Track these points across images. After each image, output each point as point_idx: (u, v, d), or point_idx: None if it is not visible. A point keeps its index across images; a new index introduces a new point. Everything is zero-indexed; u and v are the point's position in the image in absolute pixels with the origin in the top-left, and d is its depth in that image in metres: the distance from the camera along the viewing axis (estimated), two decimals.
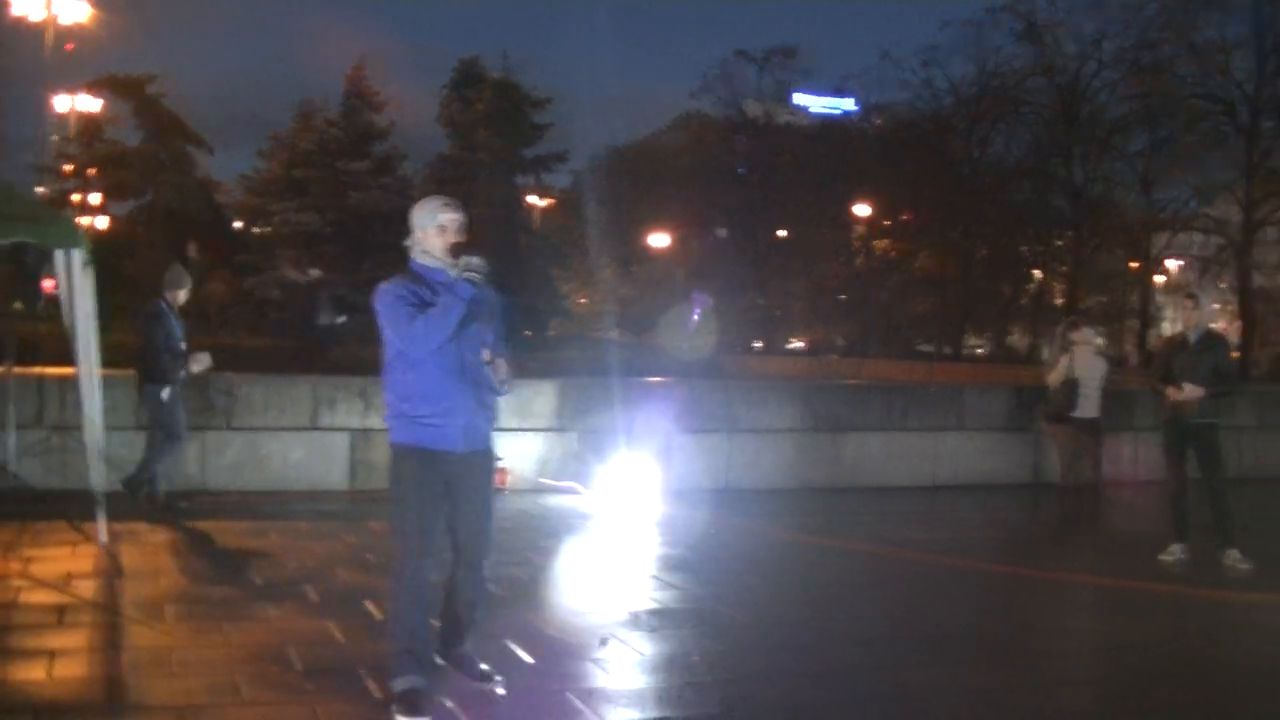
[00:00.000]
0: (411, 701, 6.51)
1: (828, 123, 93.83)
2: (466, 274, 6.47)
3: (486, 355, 6.71)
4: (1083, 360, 14.24)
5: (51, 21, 48.93)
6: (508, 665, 7.42)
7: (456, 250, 6.62)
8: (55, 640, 7.76)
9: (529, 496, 14.70)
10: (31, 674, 7.02)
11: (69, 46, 57.54)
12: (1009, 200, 72.27)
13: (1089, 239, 68.09)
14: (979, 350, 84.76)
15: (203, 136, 54.53)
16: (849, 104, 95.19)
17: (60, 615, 8.44)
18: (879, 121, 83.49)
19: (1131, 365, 48.49)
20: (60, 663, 7.26)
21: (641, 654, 7.97)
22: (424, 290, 6.59)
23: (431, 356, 6.53)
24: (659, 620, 8.87)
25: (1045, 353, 17.73)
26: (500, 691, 6.91)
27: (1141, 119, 63.03)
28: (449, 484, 6.71)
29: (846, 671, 7.76)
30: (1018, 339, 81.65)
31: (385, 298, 6.58)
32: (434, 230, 6.70)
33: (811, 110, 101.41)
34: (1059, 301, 72.78)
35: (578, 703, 6.85)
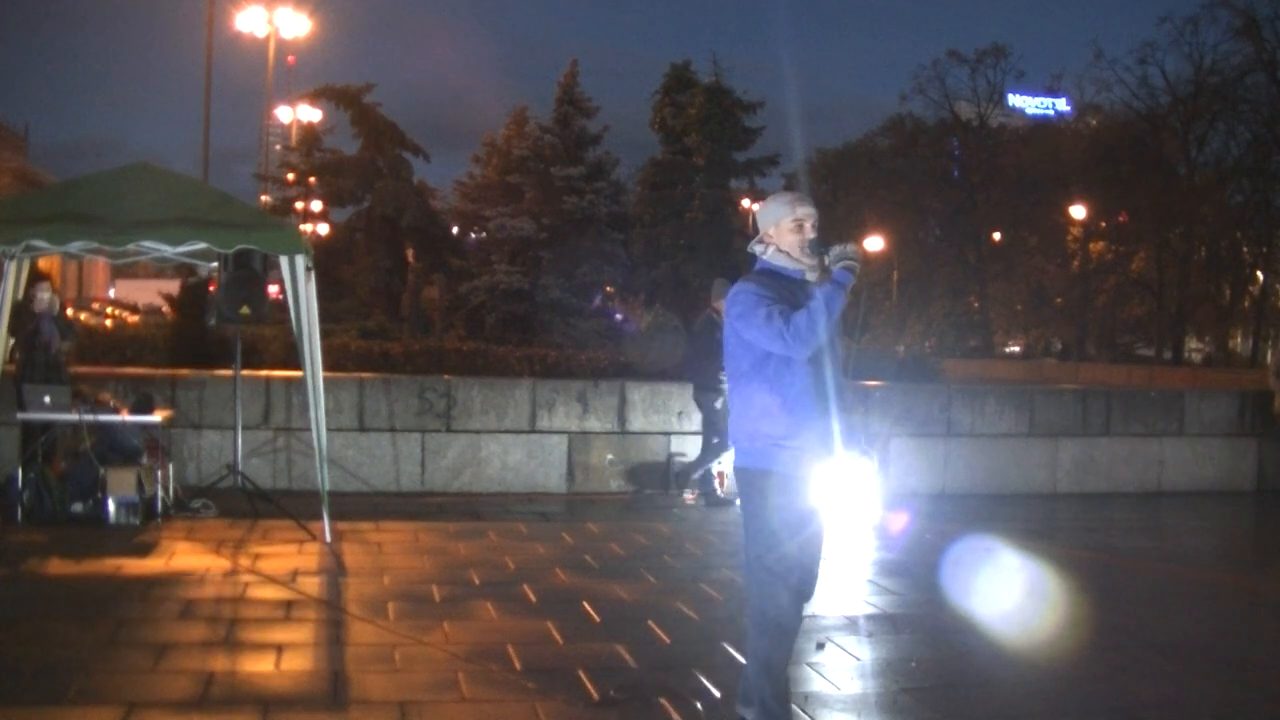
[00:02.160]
0: None
1: (1041, 124, 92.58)
2: (844, 262, 5.83)
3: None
4: None
5: (274, 35, 50.07)
6: (725, 669, 7.41)
7: (816, 245, 6.00)
8: (282, 634, 7.95)
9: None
10: (260, 666, 7.19)
11: (290, 59, 58.98)
12: (1227, 201, 70.59)
13: None
14: (1198, 354, 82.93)
15: (418, 143, 55.35)
16: (1062, 104, 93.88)
17: (287, 611, 8.64)
18: (1093, 122, 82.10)
19: None
20: (287, 656, 7.43)
21: (858, 659, 7.90)
22: (786, 289, 5.98)
23: (801, 366, 5.85)
24: (876, 625, 8.79)
25: (1270, 357, 17.32)
26: None
27: None
28: (808, 515, 6.06)
29: (1067, 681, 7.61)
30: (1239, 343, 79.70)
31: (746, 298, 5.94)
32: (790, 226, 6.06)
33: (1026, 111, 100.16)
34: None
35: (794, 706, 6.80)
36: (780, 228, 6.10)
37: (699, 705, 6.74)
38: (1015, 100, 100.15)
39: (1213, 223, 70.70)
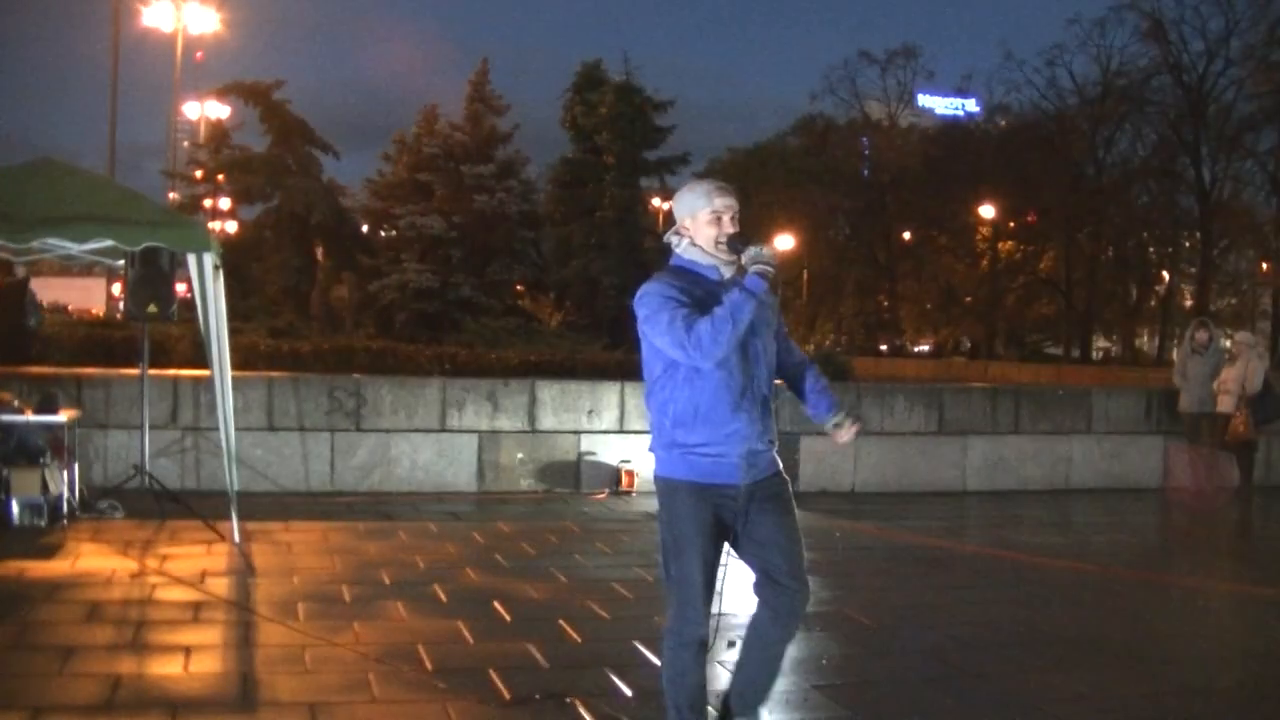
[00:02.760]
0: None
1: (950, 124, 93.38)
2: (757, 266, 5.39)
3: (838, 420, 5.95)
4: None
5: (181, 31, 49.65)
6: (637, 667, 7.43)
7: (734, 242, 5.57)
8: (191, 636, 7.89)
9: (655, 499, 14.70)
10: (168, 669, 7.13)
11: (198, 56, 58.44)
12: (1134, 201, 71.45)
13: (1217, 240, 67.08)
14: (1105, 353, 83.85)
15: (328, 141, 55.03)
16: (971, 104, 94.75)
17: (195, 612, 8.57)
18: (1002, 122, 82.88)
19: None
20: (196, 658, 7.38)
21: None
22: (697, 290, 5.57)
23: (713, 371, 5.49)
24: None
25: (1175, 355, 17.55)
26: None
27: (1271, 116, 61.98)
28: (734, 522, 5.68)
29: (972, 676, 7.68)
30: (1145, 342, 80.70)
31: (651, 300, 5.55)
32: (706, 218, 5.63)
33: (936, 111, 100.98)
34: (1187, 303, 71.84)
35: (709, 708, 6.82)
36: (696, 220, 5.69)
37: (611, 704, 6.75)
38: (925, 100, 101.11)
39: (1120, 223, 71.51)
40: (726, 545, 5.74)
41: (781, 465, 5.86)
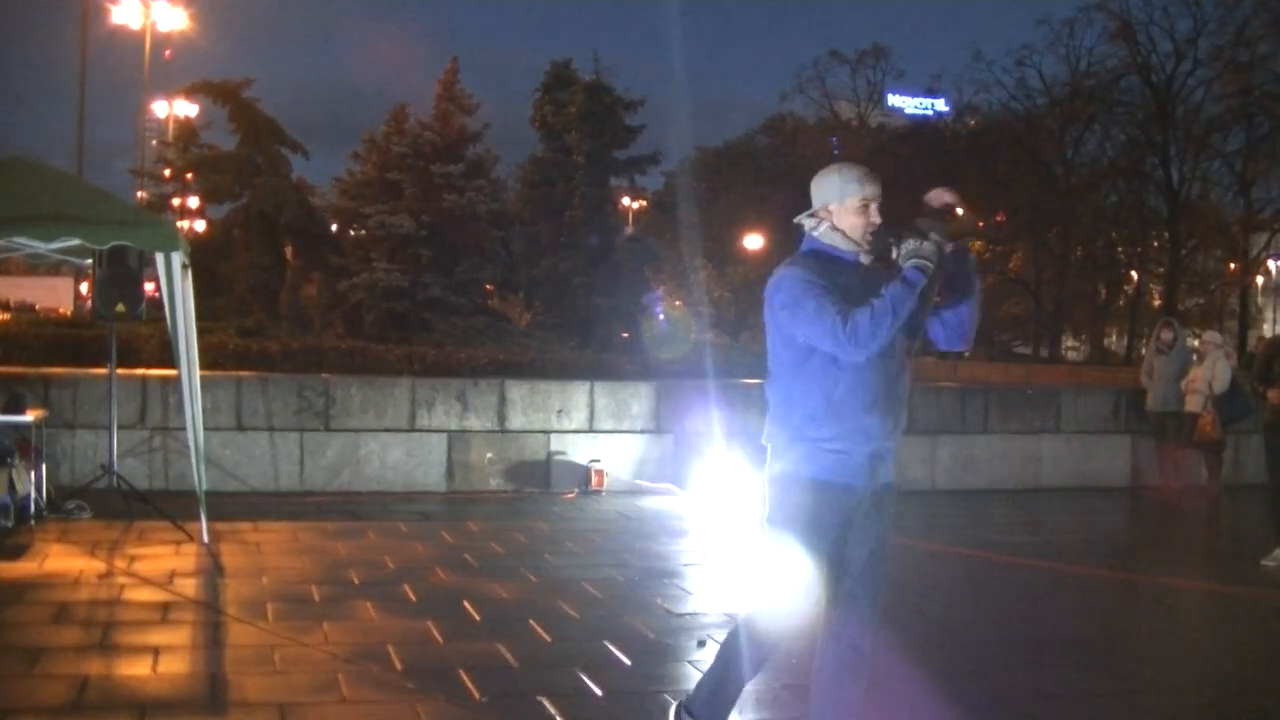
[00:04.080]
0: None
1: (920, 123, 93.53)
2: (916, 260, 5.21)
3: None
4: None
5: (149, 29, 49.52)
6: (607, 667, 7.43)
7: (881, 233, 5.42)
8: (159, 637, 7.86)
9: (625, 498, 14.74)
10: (137, 670, 7.11)
11: (167, 54, 58.27)
12: (1103, 201, 71.67)
13: (1185, 240, 67.35)
14: (1074, 353, 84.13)
15: (297, 140, 54.84)
16: (941, 104, 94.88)
17: (164, 613, 8.55)
18: (972, 122, 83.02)
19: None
20: (164, 659, 7.35)
21: None
22: (838, 277, 5.34)
23: (852, 364, 5.24)
24: None
25: (1147, 355, 17.62)
26: None
27: (1239, 117, 62.25)
28: (847, 527, 5.46)
29: (945, 675, 7.69)
30: (1114, 341, 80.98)
31: (792, 286, 5.30)
32: (855, 205, 5.44)
33: (905, 111, 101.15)
34: (1156, 303, 72.12)
35: (675, 704, 6.83)
36: (844, 206, 5.45)
37: (581, 704, 6.75)
38: (895, 100, 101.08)
39: (1088, 223, 71.73)
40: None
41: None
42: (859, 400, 5.30)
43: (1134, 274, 75.36)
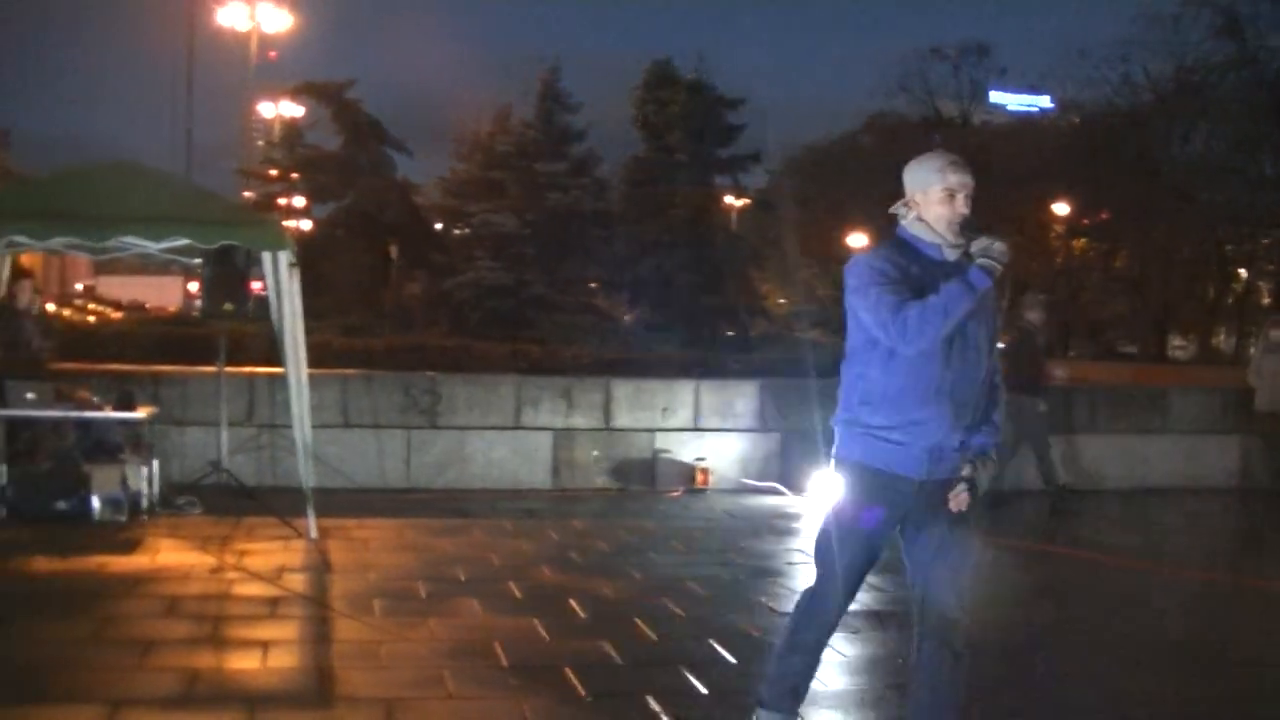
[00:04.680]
0: None
1: (1023, 120, 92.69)
2: (984, 260, 5.14)
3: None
4: None
5: (255, 30, 50.06)
6: (713, 666, 7.41)
7: (965, 225, 5.32)
8: (268, 631, 7.93)
9: (731, 497, 14.71)
10: (246, 664, 7.17)
11: (272, 55, 58.90)
12: (1212, 199, 70.70)
13: None
14: (1181, 352, 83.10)
15: (401, 140, 55.22)
16: (1045, 101, 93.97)
17: (272, 608, 8.62)
18: (1075, 119, 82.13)
19: None
20: (273, 653, 7.41)
21: (844, 655, 7.88)
22: (914, 267, 5.30)
23: (915, 356, 5.19)
24: (862, 622, 8.76)
25: (1253, 354, 17.33)
26: None
27: None
28: (904, 520, 5.44)
29: (1057, 678, 7.62)
30: (1222, 340, 79.87)
31: (862, 271, 5.31)
32: (939, 194, 5.34)
33: (1008, 108, 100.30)
34: (1266, 302, 71.06)
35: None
36: (928, 195, 5.38)
37: (686, 703, 6.72)
38: (998, 97, 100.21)
39: (1196, 220, 70.81)
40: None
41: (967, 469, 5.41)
42: (915, 392, 5.25)
43: (1243, 272, 74.30)
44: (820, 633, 5.60)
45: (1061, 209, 74.06)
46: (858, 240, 73.24)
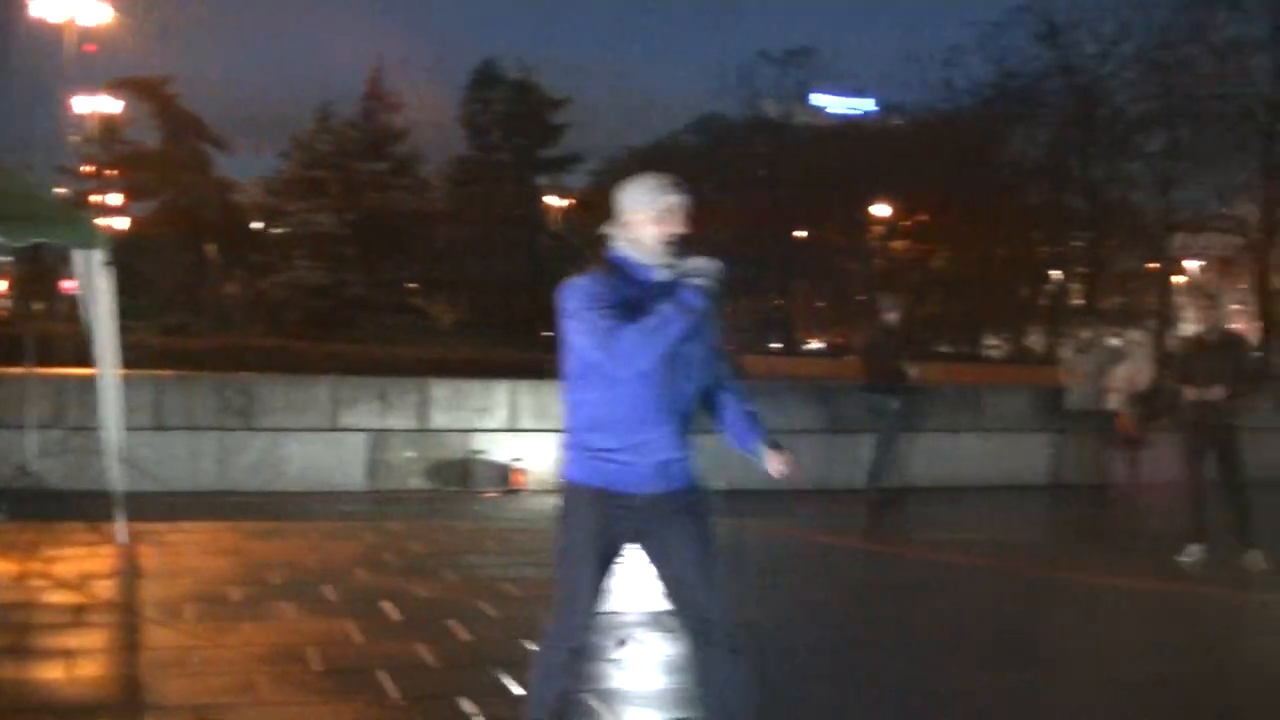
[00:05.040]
0: None
1: (847, 123, 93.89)
2: (698, 281, 5.16)
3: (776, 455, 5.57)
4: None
5: (71, 23, 49.07)
6: (525, 665, 7.42)
7: (678, 245, 5.32)
8: (74, 640, 7.79)
9: (546, 497, 14.72)
10: (51, 673, 7.05)
11: (89, 48, 57.75)
12: (1025, 201, 72.12)
13: (1106, 240, 67.90)
14: (996, 351, 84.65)
15: (221, 137, 54.61)
16: (869, 104, 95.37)
17: (79, 615, 8.48)
18: (898, 122, 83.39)
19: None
20: (79, 662, 7.29)
21: (660, 655, 7.96)
22: (627, 289, 5.24)
23: (634, 377, 5.18)
24: (677, 622, 8.84)
25: (1064, 354, 17.73)
26: None
27: (1159, 119, 62.78)
28: (641, 534, 5.43)
29: (867, 673, 7.75)
30: (1036, 340, 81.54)
31: (577, 294, 5.22)
32: (652, 215, 5.32)
33: (830, 110, 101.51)
34: (1077, 302, 72.67)
35: (595, 703, 6.85)
36: (641, 216, 5.34)
37: (501, 703, 6.75)
38: (821, 100, 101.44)
39: (1010, 222, 72.14)
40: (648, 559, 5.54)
41: (695, 476, 5.50)
42: (639, 412, 5.26)
43: (1055, 273, 75.93)
44: (572, 653, 5.55)
45: (882, 210, 75.22)
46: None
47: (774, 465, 5.54)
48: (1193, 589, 10.82)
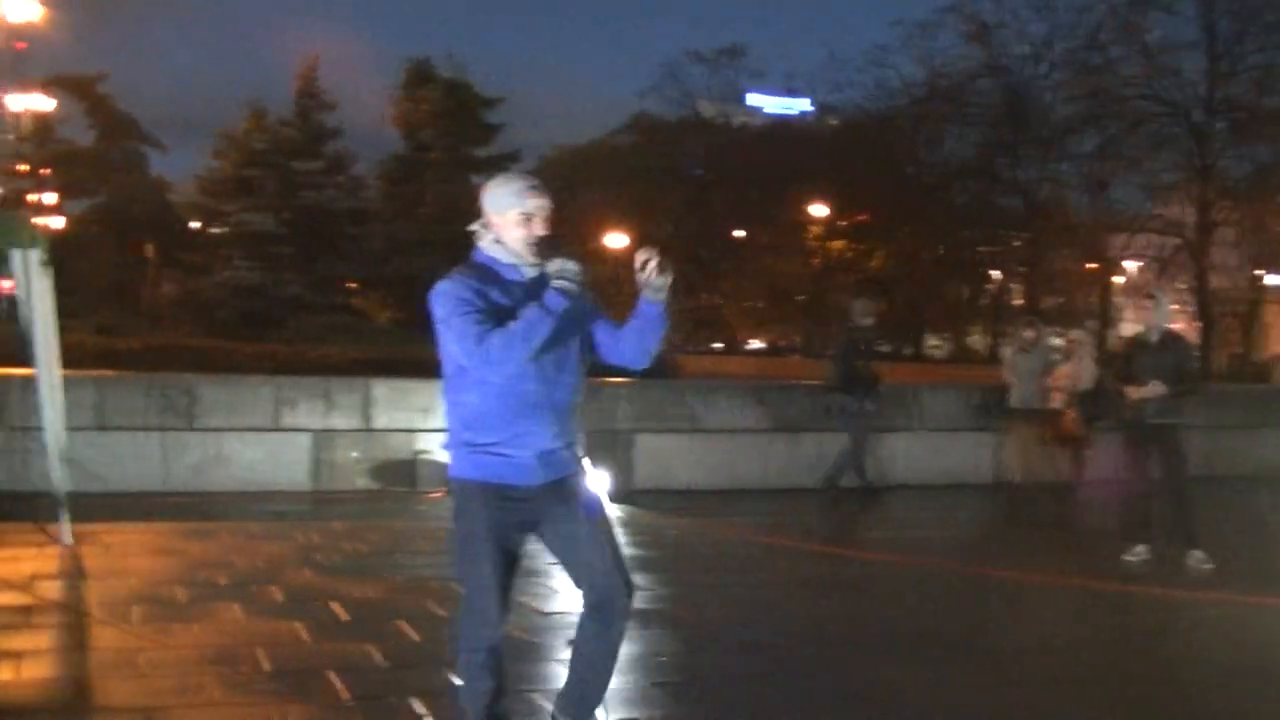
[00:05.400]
0: None
1: (780, 122, 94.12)
2: (560, 282, 5.22)
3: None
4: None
5: (1, 19, 48.62)
6: None
7: (543, 245, 5.40)
8: (21, 641, 7.75)
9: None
10: None
11: (20, 45, 57.23)
12: (954, 201, 72.44)
13: (1040, 240, 68.28)
14: (938, 351, 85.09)
15: (155, 136, 54.31)
16: (805, 104, 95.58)
17: (26, 616, 8.44)
18: (832, 121, 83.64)
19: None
20: (27, 664, 7.26)
21: None
22: (494, 290, 5.38)
23: (508, 377, 5.32)
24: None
25: (1006, 353, 17.83)
26: None
27: (1089, 120, 63.13)
28: (534, 524, 5.59)
29: (807, 671, 7.79)
30: (978, 339, 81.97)
31: (445, 300, 5.33)
32: (515, 218, 5.42)
33: (766, 111, 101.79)
34: (1018, 302, 73.09)
35: (543, 703, 6.86)
36: (505, 217, 5.46)
37: (450, 703, 6.75)
38: (755, 100, 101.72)
39: (940, 222, 72.46)
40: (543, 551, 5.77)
41: (580, 463, 5.70)
42: (514, 409, 5.39)
43: (995, 273, 76.36)
44: (490, 652, 5.68)
45: (819, 210, 75.44)
46: (616, 239, 73.77)
47: (652, 276, 5.54)
48: (1137, 588, 10.89)
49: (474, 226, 5.62)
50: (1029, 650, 8.66)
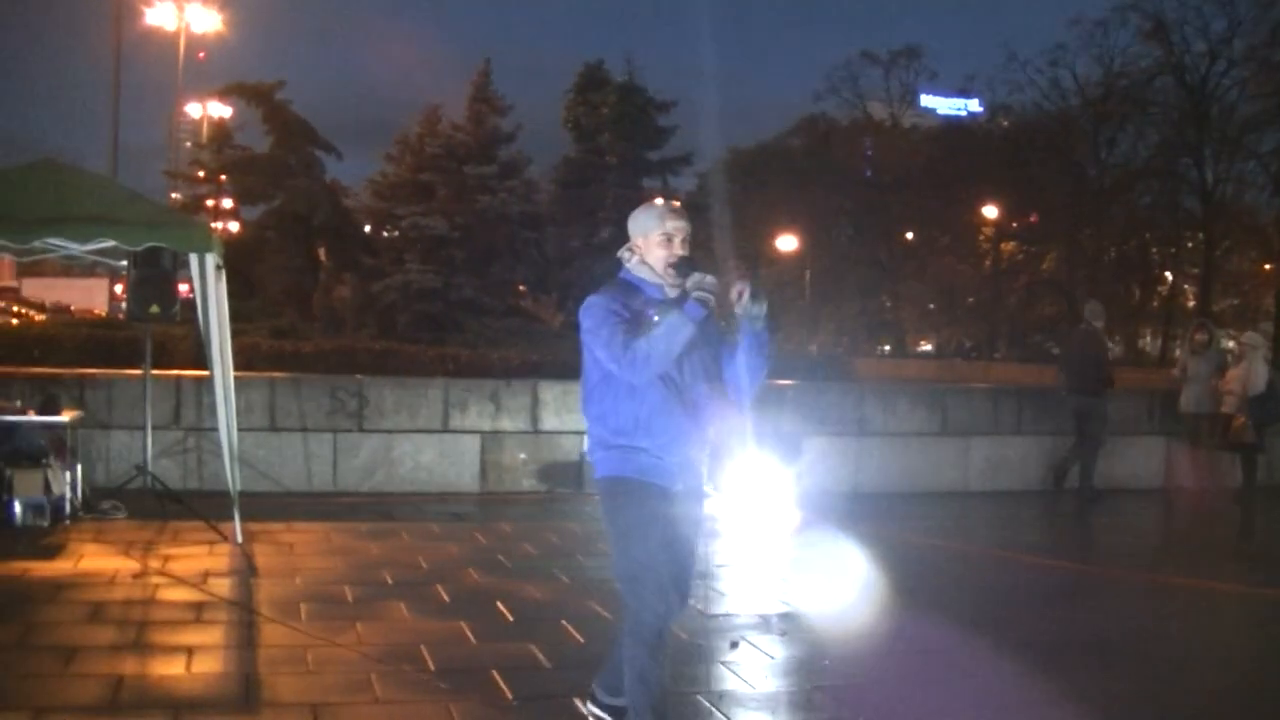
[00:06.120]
0: None
1: (953, 124, 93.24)
2: (698, 293, 5.54)
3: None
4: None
5: (184, 30, 49.70)
6: None
7: (683, 264, 5.73)
8: (193, 637, 7.89)
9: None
10: (171, 669, 7.13)
11: (200, 55, 58.49)
12: (1136, 202, 71.27)
13: (1219, 241, 66.91)
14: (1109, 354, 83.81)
15: (330, 141, 54.90)
16: (974, 105, 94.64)
17: (198, 613, 8.57)
18: (1005, 123, 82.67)
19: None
20: (198, 659, 7.38)
21: (771, 657, 7.94)
22: (638, 305, 5.75)
23: (651, 384, 5.69)
24: (789, 624, 8.83)
25: (1182, 355, 17.49)
26: None
27: (1273, 117, 61.71)
28: (668, 519, 5.81)
29: (975, 676, 7.69)
30: (1148, 342, 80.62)
31: (595, 312, 5.75)
32: (658, 239, 5.83)
33: (939, 112, 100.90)
34: (1191, 304, 71.75)
35: (709, 705, 6.83)
36: (649, 239, 5.89)
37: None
38: (928, 101, 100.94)
39: (1122, 224, 71.38)
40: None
41: (706, 475, 6.09)
42: (660, 415, 5.75)
43: (1168, 275, 75.03)
44: (657, 638, 5.82)
45: (991, 212, 74.58)
46: (786, 242, 73.61)
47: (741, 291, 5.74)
48: None
49: (621, 252, 6.06)
50: (1199, 660, 8.46)
